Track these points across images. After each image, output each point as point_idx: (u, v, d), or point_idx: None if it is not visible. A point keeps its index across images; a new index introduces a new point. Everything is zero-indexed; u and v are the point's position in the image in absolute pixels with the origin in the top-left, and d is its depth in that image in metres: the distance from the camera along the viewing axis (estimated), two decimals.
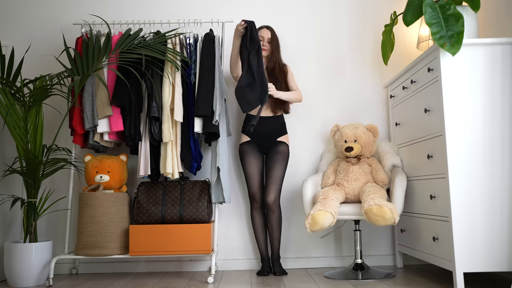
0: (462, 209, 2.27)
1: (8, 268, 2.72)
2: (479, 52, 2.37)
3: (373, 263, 3.18)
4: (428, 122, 2.54)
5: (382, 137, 3.28)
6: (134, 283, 2.76)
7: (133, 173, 3.24)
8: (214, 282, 2.75)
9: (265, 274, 2.90)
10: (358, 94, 3.35)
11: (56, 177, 3.24)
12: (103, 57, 2.91)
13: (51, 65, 3.35)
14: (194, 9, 3.41)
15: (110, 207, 2.83)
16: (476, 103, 2.34)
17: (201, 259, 3.19)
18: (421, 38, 3.15)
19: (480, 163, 2.30)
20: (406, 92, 2.89)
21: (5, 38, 3.36)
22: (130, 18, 3.39)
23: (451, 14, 2.35)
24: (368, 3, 3.43)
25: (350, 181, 2.84)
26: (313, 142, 3.30)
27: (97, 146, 2.98)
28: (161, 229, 2.78)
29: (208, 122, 2.85)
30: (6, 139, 3.20)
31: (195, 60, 3.00)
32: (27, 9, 3.40)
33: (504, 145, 2.31)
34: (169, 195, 2.90)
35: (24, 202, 2.81)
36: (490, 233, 2.26)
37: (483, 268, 2.24)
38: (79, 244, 2.80)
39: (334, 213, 2.60)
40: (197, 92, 2.89)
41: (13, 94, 2.79)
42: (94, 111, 2.87)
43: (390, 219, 2.51)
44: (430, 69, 2.48)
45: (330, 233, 3.22)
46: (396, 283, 2.58)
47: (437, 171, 2.43)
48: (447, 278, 2.69)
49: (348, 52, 3.39)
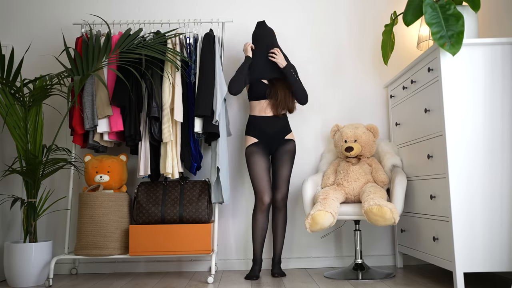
0: (462, 209, 2.27)
1: (8, 268, 2.72)
2: (479, 52, 2.37)
3: (373, 263, 3.18)
4: (428, 122, 2.54)
5: (382, 137, 3.27)
6: (134, 283, 2.76)
7: (133, 173, 3.23)
8: (214, 282, 2.74)
9: (254, 278, 2.76)
10: (358, 94, 3.35)
11: (56, 177, 3.24)
12: (103, 57, 2.91)
13: (51, 65, 3.34)
14: (194, 9, 3.41)
15: (110, 207, 2.82)
16: (476, 103, 2.34)
17: (201, 259, 3.19)
18: (421, 38, 3.15)
19: (480, 163, 2.30)
20: (406, 92, 2.89)
21: (5, 38, 3.36)
22: (130, 18, 3.39)
23: (451, 14, 2.35)
24: (368, 3, 3.43)
25: (350, 181, 2.84)
26: (313, 142, 3.30)
27: (97, 146, 2.98)
28: (161, 229, 2.78)
29: (208, 122, 2.85)
30: (6, 139, 3.20)
31: (195, 60, 3.00)
32: (27, 9, 3.40)
33: (504, 145, 2.31)
34: (169, 195, 2.90)
35: (24, 202, 2.81)
36: (490, 233, 2.26)
37: (483, 268, 2.24)
38: (79, 244, 2.80)
39: (334, 213, 2.60)
40: (197, 92, 2.89)
41: (13, 94, 2.79)
42: (94, 111, 2.87)
43: (390, 219, 2.51)
44: (430, 69, 2.48)
45: (330, 233, 3.22)
46: (396, 283, 2.58)
47: (437, 171, 2.43)
48: (447, 278, 2.69)
49: (348, 52, 3.39)
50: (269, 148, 2.94)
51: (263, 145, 2.92)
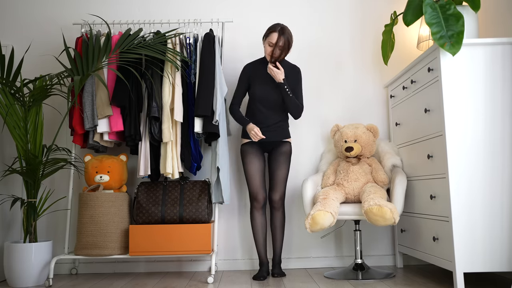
0: (462, 209, 2.27)
1: (8, 268, 2.72)
2: (479, 52, 2.37)
3: (373, 263, 3.18)
4: (428, 122, 2.54)
5: (382, 137, 3.27)
6: (134, 283, 2.76)
7: (133, 173, 3.24)
8: (214, 282, 2.74)
9: (261, 279, 2.77)
10: (358, 94, 3.35)
11: (56, 177, 3.24)
12: (103, 57, 2.91)
13: (51, 65, 3.35)
14: (194, 9, 3.41)
15: (110, 207, 2.82)
16: (476, 103, 2.34)
17: (201, 259, 3.19)
18: (421, 38, 3.15)
19: (480, 163, 2.30)
20: (406, 92, 2.89)
21: (5, 38, 3.36)
22: (130, 18, 3.39)
23: (451, 14, 2.35)
24: (368, 3, 3.42)
25: (350, 181, 2.84)
26: (313, 142, 3.30)
27: (97, 146, 2.98)
28: (161, 229, 2.78)
29: (208, 122, 2.85)
30: (6, 139, 3.20)
31: (195, 60, 3.00)
32: (27, 9, 3.40)
33: (504, 145, 2.31)
34: (169, 195, 2.90)
35: (24, 202, 2.81)
36: (490, 233, 2.26)
37: (483, 268, 2.24)
38: (79, 244, 2.80)
39: (334, 213, 2.60)
40: (197, 92, 2.89)
41: (13, 94, 2.79)
42: (94, 111, 2.87)
43: (390, 219, 2.51)
44: (430, 69, 2.48)
45: (330, 233, 3.22)
46: (396, 283, 2.58)
47: (437, 171, 2.43)
48: (447, 278, 2.69)
49: (348, 52, 3.39)
50: (264, 148, 2.96)
51: (258, 145, 2.94)
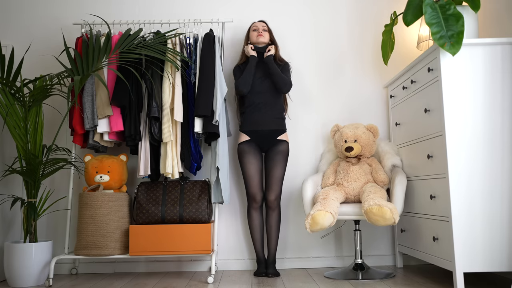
0: (462, 209, 2.27)
1: (8, 268, 2.72)
2: (479, 52, 2.37)
3: (373, 263, 3.18)
4: (428, 122, 2.54)
5: (382, 137, 3.27)
6: (134, 283, 2.76)
7: (133, 173, 3.24)
8: (214, 282, 2.75)
9: (262, 275, 2.88)
10: (358, 94, 3.35)
11: (56, 177, 3.24)
12: (103, 57, 2.91)
13: (51, 65, 3.35)
14: (194, 9, 3.41)
15: (110, 207, 2.82)
16: (476, 103, 2.34)
17: (201, 259, 3.19)
18: (421, 38, 3.15)
19: (480, 163, 2.30)
20: (406, 92, 2.89)
21: (5, 38, 3.36)
22: (130, 18, 3.39)
23: (451, 14, 2.35)
24: (368, 3, 3.43)
25: (350, 181, 2.84)
26: (313, 142, 3.30)
27: (97, 146, 2.98)
28: (161, 229, 2.78)
29: (208, 122, 2.85)
30: (6, 139, 3.20)
31: (195, 60, 3.00)
32: (27, 9, 3.40)
33: (504, 145, 2.31)
34: (169, 195, 2.90)
35: (24, 202, 2.81)
36: (490, 233, 2.26)
37: (483, 268, 2.24)
38: (79, 244, 2.80)
39: (334, 213, 2.60)
40: (197, 92, 2.89)
41: (13, 94, 2.79)
42: (94, 111, 2.87)
43: (390, 219, 2.51)
44: (430, 69, 2.48)
45: (330, 233, 3.22)
46: (396, 283, 2.58)
47: (437, 171, 2.43)
48: (447, 278, 2.69)
49: (348, 52, 3.39)
50: (261, 147, 2.99)
51: (255, 144, 2.97)
